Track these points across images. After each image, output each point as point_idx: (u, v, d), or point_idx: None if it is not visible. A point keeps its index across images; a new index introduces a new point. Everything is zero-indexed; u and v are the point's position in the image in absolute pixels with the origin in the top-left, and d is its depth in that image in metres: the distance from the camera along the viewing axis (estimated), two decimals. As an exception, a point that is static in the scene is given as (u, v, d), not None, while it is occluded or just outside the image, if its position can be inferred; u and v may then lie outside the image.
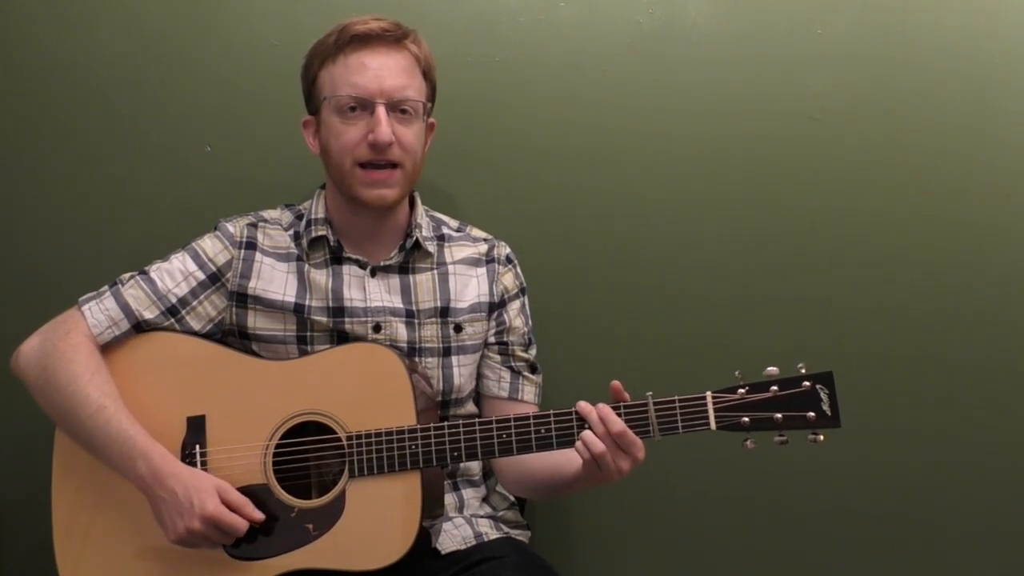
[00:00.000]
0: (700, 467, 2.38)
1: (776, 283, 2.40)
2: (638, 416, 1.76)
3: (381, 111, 1.93)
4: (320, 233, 2.03)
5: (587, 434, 1.75)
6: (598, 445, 1.74)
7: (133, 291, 1.98)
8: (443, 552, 1.93)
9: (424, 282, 2.06)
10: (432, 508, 1.87)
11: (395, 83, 1.95)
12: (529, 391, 2.12)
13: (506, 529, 2.07)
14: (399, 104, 1.95)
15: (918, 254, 2.40)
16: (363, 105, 1.94)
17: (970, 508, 2.40)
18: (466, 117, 2.37)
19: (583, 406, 1.78)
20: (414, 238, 2.05)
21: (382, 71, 1.94)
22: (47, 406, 1.94)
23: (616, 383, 1.78)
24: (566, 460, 1.87)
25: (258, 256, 2.03)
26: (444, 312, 2.05)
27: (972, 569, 2.41)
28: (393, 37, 1.97)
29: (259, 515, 1.83)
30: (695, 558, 2.43)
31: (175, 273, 2.00)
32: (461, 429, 1.82)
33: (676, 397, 1.76)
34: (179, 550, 1.86)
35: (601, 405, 1.78)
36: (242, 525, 1.81)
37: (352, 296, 2.01)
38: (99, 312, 1.96)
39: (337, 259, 2.04)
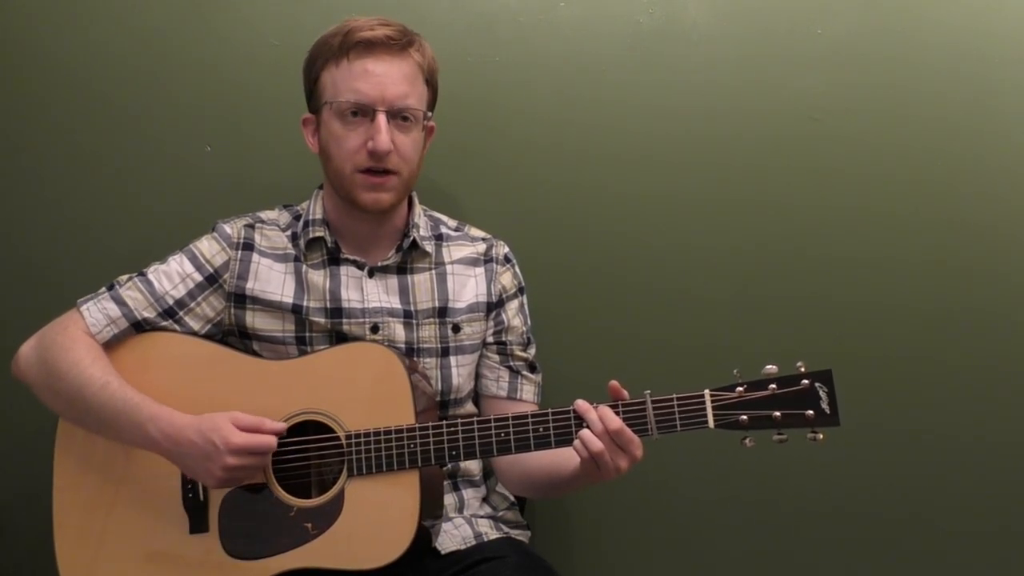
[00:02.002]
0: (699, 466, 2.38)
1: (776, 283, 2.40)
2: (636, 414, 1.76)
3: (381, 119, 1.93)
4: (317, 234, 2.03)
5: (585, 433, 1.75)
6: (596, 444, 1.74)
7: (131, 293, 1.98)
8: (443, 552, 1.93)
9: (422, 282, 2.06)
10: (432, 508, 1.87)
11: (397, 91, 1.94)
12: (528, 390, 2.11)
13: (506, 529, 2.07)
14: (400, 112, 1.95)
15: (918, 254, 2.40)
16: (364, 111, 1.94)
17: (970, 507, 2.40)
18: (466, 117, 2.36)
19: (581, 404, 1.78)
20: (411, 238, 2.05)
21: (385, 79, 1.94)
22: (51, 397, 1.94)
23: (614, 383, 1.78)
24: (564, 459, 1.87)
25: (255, 257, 2.03)
26: (442, 312, 2.05)
27: (972, 569, 2.41)
28: (398, 46, 1.96)
29: (280, 425, 1.85)
30: (695, 557, 2.43)
31: (172, 275, 2.00)
32: (460, 428, 1.82)
33: (674, 395, 1.75)
34: (181, 548, 1.87)
35: (599, 404, 1.78)
36: (271, 440, 1.83)
37: (350, 297, 2.01)
38: (97, 312, 1.96)
39: (335, 260, 2.04)
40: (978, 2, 2.40)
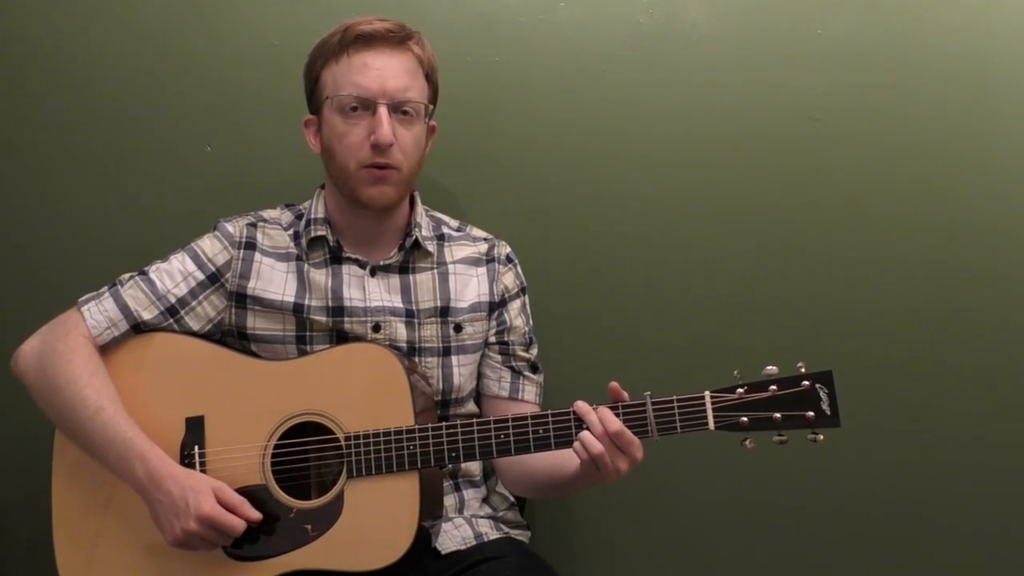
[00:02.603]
0: (700, 467, 2.37)
1: (776, 283, 2.40)
2: (636, 416, 1.75)
3: (383, 111, 1.93)
4: (319, 233, 2.03)
5: (585, 435, 1.75)
6: (596, 446, 1.74)
7: (132, 291, 1.98)
8: (443, 552, 1.93)
9: (424, 281, 2.06)
10: (432, 508, 1.86)
11: (397, 84, 1.95)
12: (530, 391, 2.11)
13: (506, 529, 2.07)
14: (401, 105, 1.95)
15: (918, 254, 2.40)
16: (365, 105, 1.94)
17: (970, 508, 2.40)
18: (466, 117, 2.37)
19: (580, 406, 1.78)
20: (413, 237, 2.05)
21: (385, 72, 1.94)
22: (46, 407, 1.94)
23: (614, 384, 1.78)
24: (565, 460, 1.87)
25: (257, 256, 2.03)
26: (444, 312, 2.05)
27: (972, 569, 2.41)
28: (397, 38, 1.97)
29: (256, 515, 1.83)
30: (695, 558, 2.43)
31: (174, 273, 2.00)
32: (459, 430, 1.82)
33: (675, 397, 1.75)
34: (180, 550, 1.87)
35: (599, 406, 1.78)
36: (239, 525, 1.81)
37: (352, 296, 2.01)
38: (98, 313, 1.96)
39: (336, 259, 2.04)
40: (978, 2, 2.40)
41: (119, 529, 1.91)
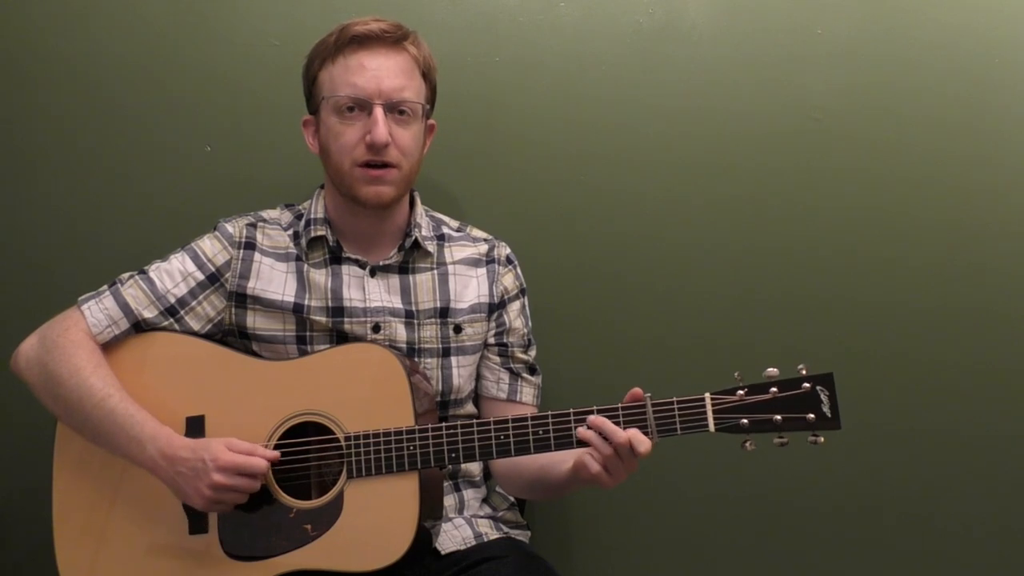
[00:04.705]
0: (700, 468, 2.37)
1: (776, 283, 2.40)
2: (636, 417, 1.75)
3: (378, 112, 1.93)
4: (319, 233, 2.03)
5: (589, 460, 1.75)
6: (596, 467, 1.75)
7: (132, 291, 1.98)
8: (443, 552, 1.93)
9: (424, 282, 2.06)
10: (432, 509, 1.87)
11: (393, 84, 1.95)
12: (528, 393, 2.12)
13: (506, 529, 2.07)
14: (397, 105, 1.95)
15: (918, 254, 2.40)
16: (361, 105, 1.94)
17: (970, 508, 2.40)
18: (466, 117, 2.37)
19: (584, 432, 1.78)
20: (413, 238, 2.05)
21: (380, 72, 1.95)
22: (50, 401, 1.94)
23: (636, 391, 1.78)
24: (556, 461, 1.88)
25: (257, 256, 2.03)
26: (444, 312, 2.05)
27: (972, 568, 2.41)
28: (392, 38, 1.97)
29: (273, 453, 1.85)
30: (695, 558, 2.43)
31: (174, 273, 2.00)
32: (459, 430, 1.82)
33: (675, 398, 1.75)
34: (181, 548, 1.88)
35: (593, 419, 1.77)
36: (260, 463, 1.82)
37: (351, 296, 2.01)
38: (98, 311, 1.96)
39: (336, 259, 2.04)
40: (978, 2, 2.40)
41: (121, 528, 1.91)
